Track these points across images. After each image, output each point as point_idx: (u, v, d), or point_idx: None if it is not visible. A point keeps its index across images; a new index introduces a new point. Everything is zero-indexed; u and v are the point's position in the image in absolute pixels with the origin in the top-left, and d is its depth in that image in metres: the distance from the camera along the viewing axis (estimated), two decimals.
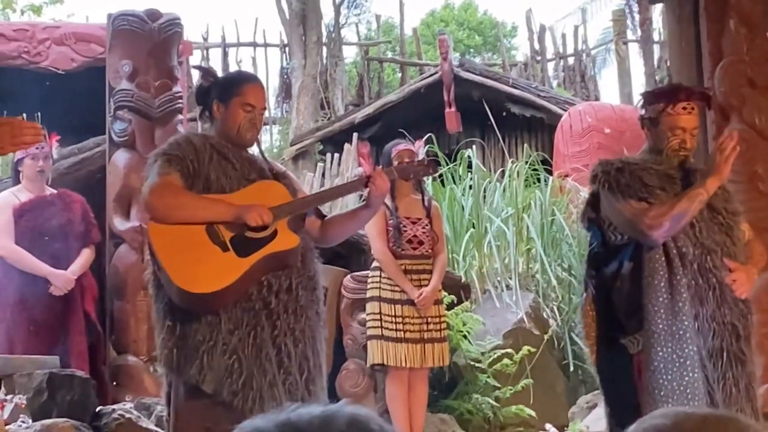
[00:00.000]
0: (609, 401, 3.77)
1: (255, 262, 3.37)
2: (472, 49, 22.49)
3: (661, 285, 3.50)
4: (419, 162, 4.02)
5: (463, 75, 12.33)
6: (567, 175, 9.00)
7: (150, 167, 3.47)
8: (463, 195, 8.00)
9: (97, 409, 4.88)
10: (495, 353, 6.39)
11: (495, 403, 6.25)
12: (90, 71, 6.82)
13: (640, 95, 4.01)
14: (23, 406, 4.88)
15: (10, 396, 4.98)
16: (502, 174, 8.64)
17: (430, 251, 5.47)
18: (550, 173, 8.89)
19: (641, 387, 3.56)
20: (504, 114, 11.98)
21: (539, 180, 8.37)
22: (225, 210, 3.40)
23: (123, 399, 5.60)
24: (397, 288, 5.35)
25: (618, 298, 3.62)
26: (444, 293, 5.71)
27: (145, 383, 5.95)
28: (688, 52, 5.24)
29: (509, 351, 6.38)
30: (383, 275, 5.40)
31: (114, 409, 4.90)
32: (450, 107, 12.16)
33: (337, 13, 16.36)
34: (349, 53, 17.76)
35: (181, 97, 6.52)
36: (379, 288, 5.40)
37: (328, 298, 5.63)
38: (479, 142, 11.71)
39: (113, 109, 6.34)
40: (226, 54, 15.71)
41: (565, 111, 11.05)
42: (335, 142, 12.58)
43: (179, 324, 3.37)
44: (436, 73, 12.68)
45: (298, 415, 1.16)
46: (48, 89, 6.91)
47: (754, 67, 5.01)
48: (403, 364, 5.31)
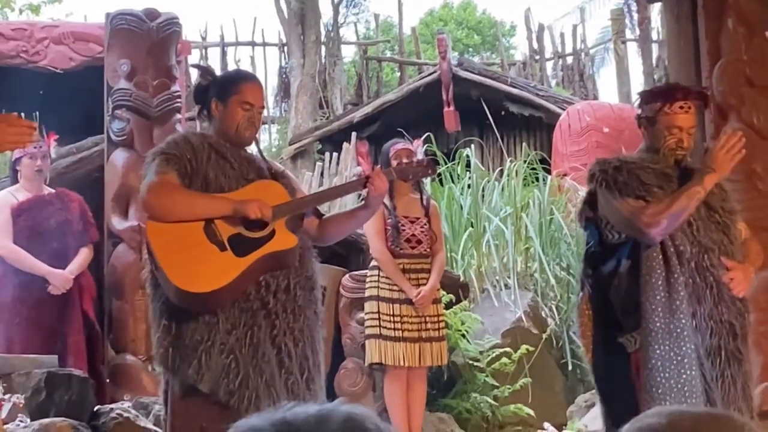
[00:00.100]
0: (605, 400, 3.77)
1: (253, 261, 3.36)
2: (470, 49, 22.50)
3: (659, 283, 3.50)
4: (418, 163, 4.01)
5: (462, 74, 12.33)
6: (565, 174, 9.00)
7: (148, 166, 3.47)
8: (462, 194, 7.99)
9: (95, 409, 4.87)
10: (493, 352, 6.39)
11: (493, 402, 6.25)
12: (88, 70, 6.82)
13: (637, 94, 4.01)
14: (21, 405, 4.88)
15: (8, 395, 4.98)
16: (500, 173, 8.64)
17: (428, 250, 5.47)
18: (548, 172, 8.88)
19: (639, 385, 3.56)
20: (502, 113, 11.98)
21: (538, 179, 8.37)
22: (224, 205, 3.40)
23: (121, 398, 5.60)
24: (396, 287, 5.35)
25: (615, 296, 3.62)
26: (442, 292, 5.71)
27: (144, 382, 5.95)
28: (686, 51, 5.23)
29: (508, 350, 6.39)
30: (381, 274, 5.40)
31: (112, 409, 4.90)
32: (448, 106, 12.16)
33: (336, 13, 16.36)
34: (348, 52, 17.77)
35: (180, 97, 6.51)
36: (378, 287, 5.40)
37: (326, 297, 5.63)
38: (478, 141, 11.71)
39: (111, 109, 6.33)
40: (224, 53, 15.71)
41: (564, 110, 11.05)
42: (334, 141, 12.57)
43: (175, 323, 3.36)
44: (434, 73, 12.67)
45: (293, 414, 1.16)
46: (46, 88, 6.91)
47: (752, 67, 5.00)
48: (402, 363, 5.31)
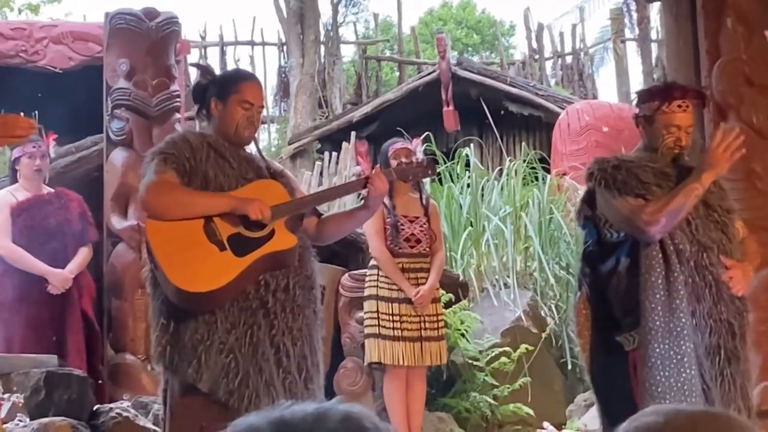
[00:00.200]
0: (601, 399, 3.76)
1: (252, 261, 3.36)
2: (470, 48, 22.51)
3: (659, 282, 3.50)
4: (418, 163, 4.00)
5: (461, 73, 12.32)
6: (565, 174, 9.00)
7: (147, 166, 3.47)
8: (461, 193, 8.00)
9: (95, 408, 4.87)
10: (493, 351, 6.39)
11: (493, 402, 6.25)
12: (87, 70, 6.81)
13: (635, 93, 4.01)
14: (20, 404, 4.87)
15: (7, 395, 4.98)
16: (500, 172, 8.64)
17: (427, 250, 5.47)
18: (548, 171, 8.88)
19: (636, 384, 3.56)
20: (502, 112, 11.98)
21: (537, 178, 8.37)
22: (223, 202, 3.40)
23: (120, 398, 5.59)
24: (395, 286, 5.35)
25: (614, 295, 3.61)
26: (442, 291, 5.71)
27: (143, 382, 5.95)
28: (685, 50, 5.23)
29: (507, 349, 6.39)
30: (381, 274, 5.40)
31: (111, 408, 4.89)
32: (448, 106, 12.15)
33: (335, 12, 16.36)
34: (347, 52, 17.77)
35: (179, 96, 6.51)
36: (377, 286, 5.40)
37: (326, 296, 5.64)
38: (477, 140, 11.72)
39: (111, 108, 6.33)
40: (223, 53, 15.71)
41: (563, 109, 11.05)
42: (333, 140, 12.56)
43: (174, 322, 3.36)
44: (434, 72, 12.67)
45: (291, 413, 1.16)
46: (45, 88, 6.90)
47: (751, 66, 5.00)
48: (401, 362, 5.31)
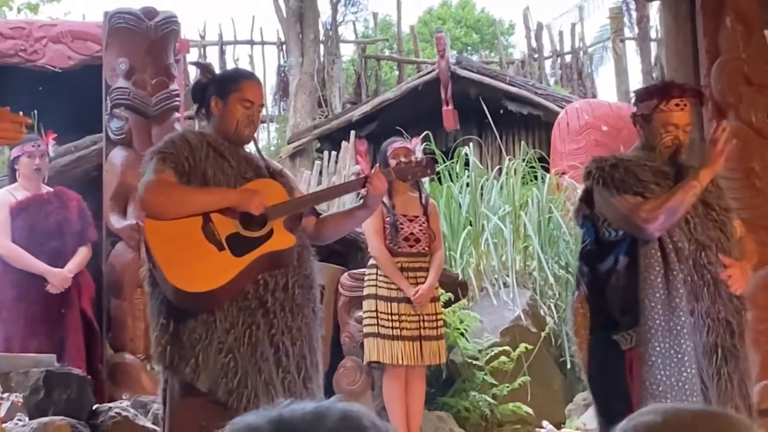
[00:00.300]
0: (598, 398, 3.76)
1: (251, 261, 3.36)
2: (469, 47, 22.50)
3: (658, 280, 3.50)
4: (417, 162, 4.00)
5: (461, 73, 12.32)
6: (564, 173, 9.00)
7: (146, 165, 3.48)
8: (461, 192, 8.00)
9: (94, 407, 4.86)
10: (492, 351, 6.39)
11: (492, 401, 6.25)
12: (87, 69, 6.81)
13: (632, 92, 4.01)
14: (20, 404, 4.87)
15: (6, 394, 4.98)
16: (499, 171, 8.64)
17: (426, 249, 5.47)
18: (547, 171, 8.88)
19: (633, 383, 3.56)
20: (501, 111, 11.97)
21: (536, 177, 8.37)
22: (223, 197, 3.40)
23: (120, 397, 5.59)
24: (394, 286, 5.35)
25: (613, 294, 3.61)
26: (441, 291, 5.71)
27: (142, 381, 5.95)
28: (684, 49, 5.23)
29: (506, 348, 6.39)
30: (380, 273, 5.39)
31: (111, 407, 4.88)
32: (447, 105, 12.14)
33: (335, 11, 16.35)
34: (347, 51, 17.76)
35: (178, 95, 6.51)
36: (376, 286, 5.39)
37: (325, 295, 5.64)
38: (476, 139, 11.72)
39: (110, 107, 6.33)
40: (223, 52, 15.70)
41: (562, 108, 11.04)
42: (332, 140, 12.56)
43: (173, 322, 3.36)
44: (433, 71, 12.66)
45: (290, 411, 1.16)
46: (44, 87, 6.90)
47: (750, 65, 5.01)
48: (400, 361, 5.30)
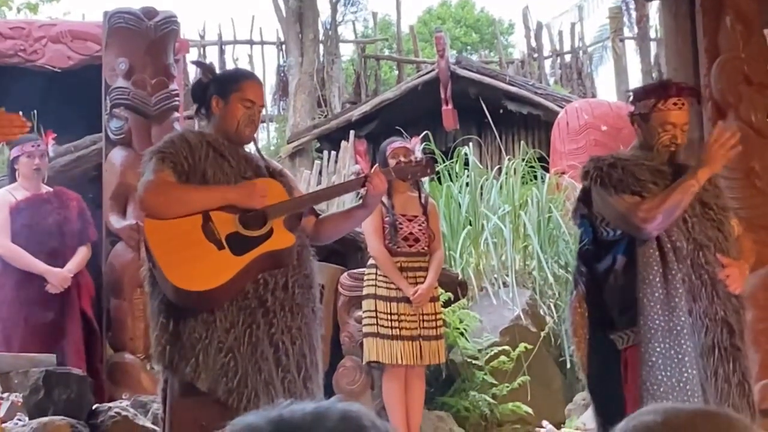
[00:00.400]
0: (596, 398, 3.76)
1: (250, 260, 3.37)
2: (469, 47, 22.49)
3: (656, 280, 3.49)
4: (417, 162, 4.00)
5: (460, 72, 12.31)
6: (564, 173, 9.00)
7: (145, 165, 3.48)
8: (460, 192, 8.00)
9: (94, 407, 4.86)
10: (492, 350, 6.40)
11: (492, 400, 6.26)
12: (86, 69, 6.81)
13: (629, 91, 4.00)
14: (19, 404, 4.87)
15: (6, 394, 4.99)
16: (498, 171, 8.65)
17: (426, 249, 5.46)
18: (546, 170, 8.88)
19: (627, 383, 3.55)
20: (501, 111, 11.97)
21: (536, 177, 8.37)
22: (222, 194, 3.41)
23: (119, 397, 5.59)
24: (393, 285, 5.35)
25: (611, 293, 3.60)
26: (440, 290, 5.71)
27: (142, 381, 5.95)
28: (684, 49, 5.23)
29: (506, 348, 6.40)
30: (379, 272, 5.39)
31: (110, 407, 4.88)
32: (447, 105, 12.14)
33: (334, 11, 16.34)
34: (346, 51, 17.75)
35: (178, 95, 6.51)
36: (375, 285, 5.39)
37: (325, 295, 5.64)
38: (476, 139, 11.72)
39: (110, 107, 6.33)
40: (222, 52, 15.69)
41: (562, 108, 11.04)
42: (332, 139, 12.56)
43: (173, 321, 3.36)
44: (433, 71, 12.65)
45: (290, 412, 1.16)
46: (44, 87, 6.90)
47: (750, 64, 5.01)
48: (399, 361, 5.31)
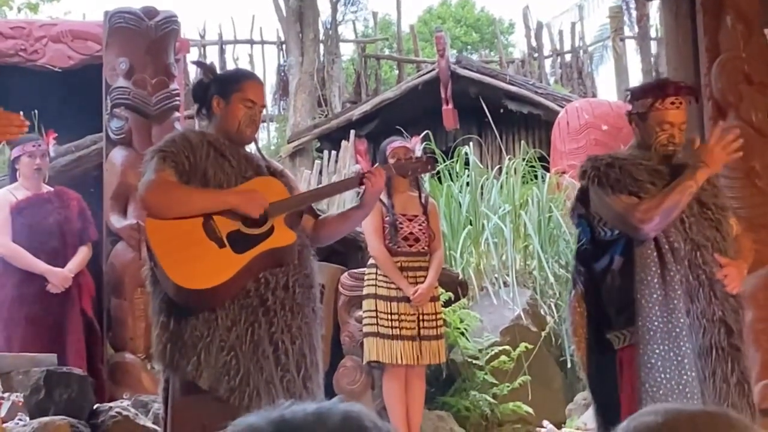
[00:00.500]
0: (596, 397, 3.75)
1: (252, 258, 3.37)
2: (469, 46, 22.48)
3: (654, 281, 3.48)
4: (417, 159, 4.01)
5: (460, 72, 12.31)
6: (564, 172, 9.00)
7: (146, 164, 3.49)
8: (461, 192, 8.00)
9: (95, 407, 4.86)
10: (492, 350, 6.40)
11: (492, 400, 6.26)
12: (87, 69, 6.80)
13: (627, 91, 4.00)
14: (20, 403, 4.87)
15: (7, 394, 4.98)
16: (499, 171, 8.65)
17: (426, 248, 5.46)
18: (547, 170, 8.88)
19: (623, 382, 3.54)
20: (501, 111, 11.97)
21: (536, 177, 8.38)
22: (223, 199, 3.41)
23: (120, 396, 5.59)
24: (393, 285, 5.35)
25: (608, 294, 3.59)
26: (441, 290, 5.71)
27: (143, 381, 5.95)
28: (684, 48, 5.23)
29: (506, 348, 6.40)
30: (379, 272, 5.39)
31: (111, 407, 4.89)
32: (447, 104, 12.14)
33: (334, 11, 16.34)
34: (347, 50, 17.74)
35: (178, 95, 6.51)
36: (375, 285, 5.39)
37: (325, 295, 5.64)
38: (476, 139, 11.72)
39: (110, 107, 6.33)
40: (222, 51, 15.69)
41: (563, 108, 11.04)
42: (332, 139, 12.56)
43: (174, 320, 3.36)
44: (433, 70, 12.65)
45: (292, 412, 1.16)
46: (45, 87, 6.90)
47: (750, 64, 5.00)
48: (399, 361, 5.30)
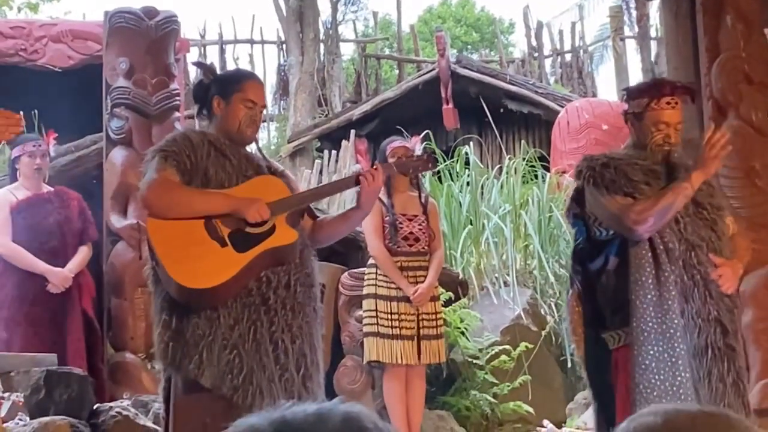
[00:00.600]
0: (595, 397, 3.76)
1: (253, 257, 3.38)
2: (469, 46, 22.48)
3: (649, 282, 3.47)
4: (418, 157, 4.01)
5: (461, 72, 12.32)
6: (564, 172, 9.00)
7: (147, 164, 3.49)
8: (461, 192, 8.01)
9: (95, 407, 4.87)
10: (493, 350, 6.40)
11: (493, 400, 6.26)
12: (87, 69, 6.81)
13: (623, 90, 3.99)
14: (20, 403, 4.88)
15: (7, 393, 4.99)
16: (499, 170, 8.66)
17: (426, 248, 5.46)
18: (547, 170, 8.89)
19: (618, 383, 3.54)
20: (501, 110, 11.97)
21: (536, 176, 8.38)
22: (223, 202, 3.42)
23: (120, 396, 5.60)
24: (393, 285, 5.34)
25: (603, 293, 3.59)
26: (441, 290, 5.71)
27: (143, 380, 5.96)
28: (685, 48, 5.23)
29: (507, 347, 6.40)
30: (379, 272, 5.39)
31: (111, 407, 4.89)
32: (447, 104, 12.14)
33: (335, 10, 16.34)
34: (347, 50, 17.75)
35: (179, 95, 6.51)
36: (375, 285, 5.39)
37: (325, 294, 5.64)
38: (476, 138, 11.73)
39: (110, 107, 6.34)
40: (223, 51, 15.70)
41: (563, 107, 11.05)
42: (332, 139, 12.57)
43: (176, 318, 3.37)
44: (433, 70, 12.66)
45: (292, 413, 1.16)
46: (45, 87, 6.90)
47: (750, 63, 5.01)
48: (400, 361, 5.30)
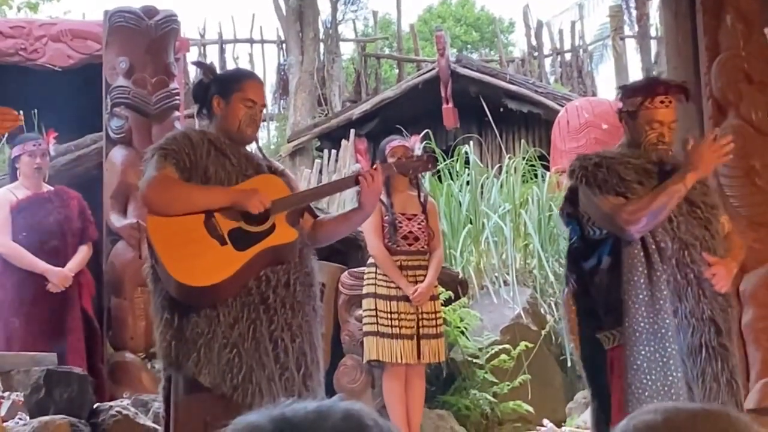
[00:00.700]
0: (594, 396, 3.76)
1: (253, 255, 3.38)
2: (469, 45, 22.48)
3: (641, 281, 3.46)
4: (418, 157, 4.01)
5: (461, 71, 12.31)
6: (564, 171, 8.98)
7: (147, 162, 3.50)
8: (461, 191, 8.01)
9: (95, 406, 4.87)
10: (492, 349, 6.40)
11: (492, 399, 6.26)
12: (87, 68, 6.81)
13: (617, 89, 3.99)
14: (20, 403, 4.88)
15: (7, 393, 4.99)
16: (499, 170, 8.66)
17: (425, 247, 5.46)
18: (547, 169, 8.89)
19: (614, 382, 3.54)
20: (501, 110, 11.97)
21: (536, 176, 8.38)
22: (223, 196, 3.42)
23: (120, 396, 5.60)
24: (393, 284, 5.34)
25: (597, 293, 3.59)
26: (441, 289, 5.71)
27: (143, 380, 5.96)
28: (684, 47, 5.23)
29: (507, 347, 6.40)
30: (379, 271, 5.39)
31: (111, 406, 4.89)
32: (447, 103, 12.14)
33: (334, 10, 16.34)
34: (347, 49, 17.75)
35: (178, 94, 6.51)
36: (375, 284, 5.39)
37: (325, 294, 5.64)
38: (476, 138, 11.73)
39: (110, 106, 6.34)
40: (222, 50, 15.70)
41: (563, 107, 11.03)
42: (332, 138, 12.56)
43: (176, 317, 3.37)
44: (433, 69, 12.65)
45: (292, 410, 1.16)
46: (45, 86, 6.90)
47: (750, 63, 5.00)
48: (399, 360, 5.31)
